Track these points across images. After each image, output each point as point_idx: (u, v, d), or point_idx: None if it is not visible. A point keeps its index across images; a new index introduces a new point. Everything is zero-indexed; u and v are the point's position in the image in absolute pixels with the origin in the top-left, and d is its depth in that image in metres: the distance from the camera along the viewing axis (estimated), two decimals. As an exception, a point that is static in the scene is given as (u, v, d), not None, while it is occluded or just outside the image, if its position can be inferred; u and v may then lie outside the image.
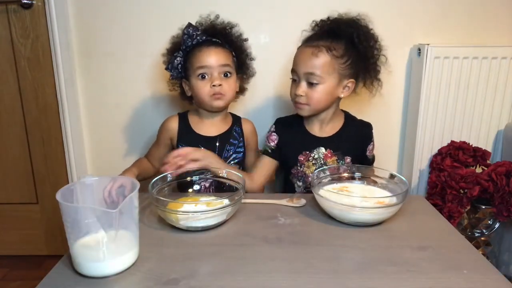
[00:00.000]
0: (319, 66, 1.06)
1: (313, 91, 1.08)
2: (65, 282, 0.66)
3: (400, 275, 0.68)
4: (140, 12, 1.41)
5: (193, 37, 1.13)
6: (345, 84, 1.10)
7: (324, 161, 1.15)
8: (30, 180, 1.57)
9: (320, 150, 1.15)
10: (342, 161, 1.16)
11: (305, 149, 1.16)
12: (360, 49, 1.09)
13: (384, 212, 0.84)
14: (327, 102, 1.11)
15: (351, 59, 1.08)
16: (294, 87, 1.12)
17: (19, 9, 1.38)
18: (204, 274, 0.68)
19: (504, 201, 1.21)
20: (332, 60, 1.06)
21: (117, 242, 0.67)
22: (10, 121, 1.50)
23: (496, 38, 1.45)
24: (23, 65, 1.44)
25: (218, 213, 0.82)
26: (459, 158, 1.36)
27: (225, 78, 1.14)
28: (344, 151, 1.16)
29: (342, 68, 1.08)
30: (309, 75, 1.07)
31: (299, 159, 1.16)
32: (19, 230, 1.62)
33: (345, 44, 1.07)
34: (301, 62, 1.08)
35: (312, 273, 0.68)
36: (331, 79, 1.07)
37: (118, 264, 0.68)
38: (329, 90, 1.08)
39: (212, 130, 1.20)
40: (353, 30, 1.08)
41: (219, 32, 1.16)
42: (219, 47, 1.14)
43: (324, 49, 1.06)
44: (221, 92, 1.13)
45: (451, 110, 1.43)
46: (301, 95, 1.09)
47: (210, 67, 1.12)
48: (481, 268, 0.70)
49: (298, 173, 1.18)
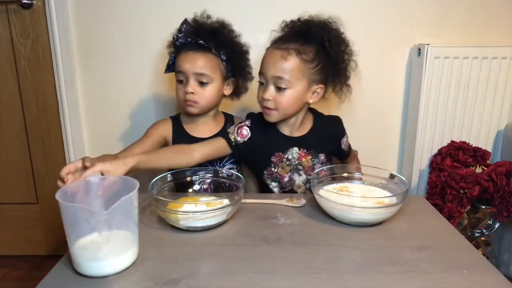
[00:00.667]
0: (288, 70, 1.01)
1: (281, 95, 1.04)
2: (65, 282, 0.66)
3: (400, 275, 0.68)
4: (140, 12, 1.41)
5: (182, 34, 1.10)
6: (314, 89, 1.07)
7: (298, 161, 1.13)
8: (30, 180, 1.57)
9: (293, 151, 1.13)
10: (316, 159, 1.14)
11: (278, 150, 1.12)
12: (331, 53, 1.05)
13: (384, 212, 0.84)
14: (296, 107, 1.07)
15: (321, 63, 1.04)
16: (261, 90, 1.08)
17: (19, 9, 1.38)
18: (204, 274, 0.68)
19: (504, 201, 1.21)
20: (301, 64, 1.02)
21: (115, 241, 0.68)
22: (10, 121, 1.50)
23: (496, 38, 1.45)
24: (23, 65, 1.44)
25: (218, 213, 0.82)
26: (459, 158, 1.36)
27: (201, 86, 1.11)
28: (317, 148, 1.14)
29: (312, 72, 1.04)
30: (277, 79, 1.03)
31: (272, 160, 1.13)
32: (19, 230, 1.62)
33: (316, 47, 1.03)
34: (270, 65, 1.04)
35: (312, 273, 0.68)
36: (300, 84, 1.04)
37: (117, 263, 0.68)
38: (297, 95, 1.04)
39: (205, 131, 1.19)
40: (324, 33, 1.04)
41: (207, 34, 1.11)
42: (200, 53, 1.10)
43: (294, 52, 1.01)
44: (193, 100, 1.11)
45: (451, 110, 1.43)
46: (268, 99, 1.05)
47: (185, 73, 1.10)
48: (481, 268, 0.70)
49: (272, 174, 1.14)
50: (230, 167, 1.20)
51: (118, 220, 0.68)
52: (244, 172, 1.26)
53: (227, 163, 1.20)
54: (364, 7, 1.13)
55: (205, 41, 1.10)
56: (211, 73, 1.11)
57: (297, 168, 1.13)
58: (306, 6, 1.39)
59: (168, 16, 1.40)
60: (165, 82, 1.47)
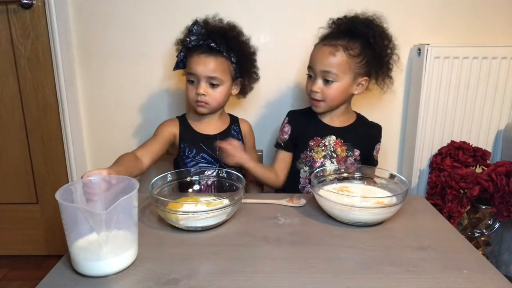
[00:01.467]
0: (336, 65, 1.08)
1: (328, 88, 1.11)
2: (65, 282, 0.66)
3: (400, 275, 0.68)
4: (140, 12, 1.41)
5: (195, 37, 1.12)
6: (359, 81, 1.13)
7: (334, 148, 1.17)
8: (30, 180, 1.57)
9: (331, 138, 1.17)
10: (351, 152, 1.18)
11: (316, 135, 1.18)
12: (376, 48, 1.11)
13: (384, 212, 0.84)
14: (342, 99, 1.14)
15: (366, 58, 1.10)
16: (310, 83, 1.15)
17: (19, 9, 1.38)
18: (204, 274, 0.68)
19: (504, 201, 1.21)
20: (348, 60, 1.09)
21: (114, 241, 0.68)
22: (10, 121, 1.50)
23: (496, 38, 1.45)
24: (23, 65, 1.44)
25: (218, 213, 0.82)
26: (459, 158, 1.36)
27: (212, 87, 1.14)
28: (354, 143, 1.19)
29: (358, 67, 1.10)
30: (326, 73, 1.10)
31: (310, 144, 1.18)
32: (19, 230, 1.62)
33: (361, 43, 1.10)
34: (318, 60, 1.11)
35: (312, 273, 0.68)
36: (346, 77, 1.10)
37: (116, 263, 0.68)
38: (344, 87, 1.11)
39: (211, 129, 1.21)
40: (369, 30, 1.10)
41: (219, 37, 1.14)
42: (212, 56, 1.12)
43: (342, 48, 1.08)
44: (204, 101, 1.14)
45: (451, 110, 1.43)
46: (316, 91, 1.12)
47: (197, 75, 1.12)
48: (481, 268, 0.70)
49: (307, 158, 1.19)
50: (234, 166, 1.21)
51: (117, 220, 0.68)
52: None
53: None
54: (364, 7, 1.14)
55: (216, 44, 1.13)
56: (222, 76, 1.14)
57: (331, 155, 1.17)
58: (306, 7, 1.40)
59: (168, 16, 1.40)
60: (165, 82, 1.47)
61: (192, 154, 1.17)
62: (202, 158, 1.18)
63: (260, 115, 1.51)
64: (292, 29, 1.42)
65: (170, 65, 1.44)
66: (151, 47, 1.43)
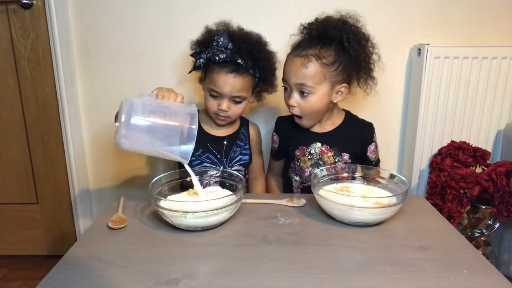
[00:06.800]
0: (310, 77, 1.03)
1: (305, 101, 1.07)
2: (65, 282, 0.66)
3: (400, 275, 0.68)
4: (140, 12, 1.41)
5: (224, 55, 1.07)
6: (337, 89, 1.08)
7: (320, 156, 1.15)
8: (30, 180, 1.57)
9: (316, 145, 1.15)
10: (339, 157, 1.15)
11: (301, 144, 1.16)
12: (351, 52, 1.05)
13: (384, 212, 0.84)
14: (322, 109, 1.10)
15: (342, 64, 1.05)
16: (286, 96, 1.11)
17: (19, 9, 1.38)
18: (204, 274, 0.68)
19: (504, 201, 1.21)
20: (322, 69, 1.03)
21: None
22: (10, 121, 1.50)
23: (496, 38, 1.45)
24: (23, 65, 1.44)
25: (218, 213, 0.82)
26: (459, 158, 1.36)
27: (235, 103, 1.13)
28: (341, 147, 1.15)
29: (334, 75, 1.05)
30: (300, 86, 1.05)
31: (296, 153, 1.17)
32: (19, 230, 1.62)
33: (335, 49, 1.04)
34: (291, 72, 1.06)
35: (312, 273, 0.68)
36: (322, 88, 1.05)
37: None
38: (321, 98, 1.07)
39: (220, 131, 1.22)
40: (342, 33, 1.04)
41: (246, 54, 1.09)
42: (239, 76, 1.09)
43: (314, 58, 1.03)
44: (225, 116, 1.14)
45: (451, 110, 1.43)
46: (293, 105, 1.08)
47: (221, 93, 1.10)
48: (481, 268, 0.70)
49: (296, 168, 1.19)
50: (237, 168, 1.21)
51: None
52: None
53: (236, 164, 1.21)
54: (364, 7, 1.14)
55: (244, 61, 1.09)
56: (246, 94, 1.13)
57: (318, 163, 1.15)
58: (306, 6, 1.40)
59: (168, 17, 1.40)
60: (165, 82, 1.47)
61: (198, 153, 1.17)
62: (207, 158, 1.18)
63: (257, 119, 1.50)
64: (292, 29, 1.42)
65: (170, 65, 1.45)
66: (151, 47, 1.43)
